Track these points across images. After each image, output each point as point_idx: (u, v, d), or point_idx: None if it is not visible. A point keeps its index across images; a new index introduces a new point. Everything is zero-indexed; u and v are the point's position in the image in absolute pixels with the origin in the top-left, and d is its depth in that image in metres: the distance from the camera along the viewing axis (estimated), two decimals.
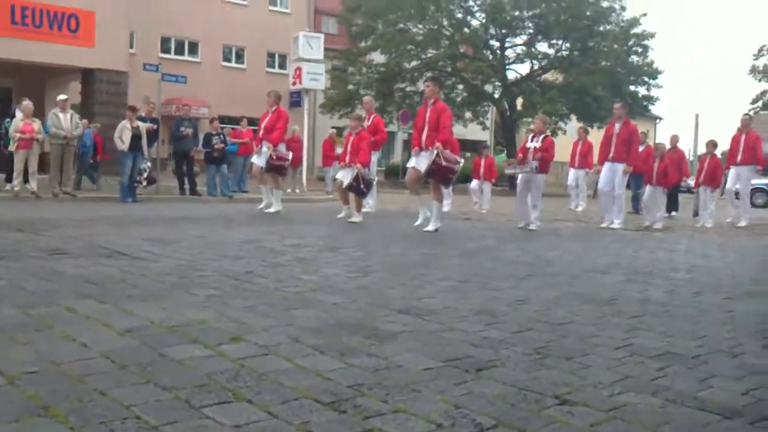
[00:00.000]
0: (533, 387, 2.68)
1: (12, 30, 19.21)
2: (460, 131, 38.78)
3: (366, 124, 12.66)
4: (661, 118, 54.79)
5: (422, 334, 3.47)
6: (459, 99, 35.46)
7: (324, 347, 3.10)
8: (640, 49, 33.44)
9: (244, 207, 13.47)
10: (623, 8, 33.27)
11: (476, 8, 33.87)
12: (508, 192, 23.97)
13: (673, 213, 15.76)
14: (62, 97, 13.78)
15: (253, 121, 20.01)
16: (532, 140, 10.86)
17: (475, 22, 34.65)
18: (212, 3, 33.18)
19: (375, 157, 12.95)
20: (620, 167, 11.30)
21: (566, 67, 34.27)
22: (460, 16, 33.93)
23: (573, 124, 34.99)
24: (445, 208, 14.41)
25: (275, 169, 11.66)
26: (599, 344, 3.44)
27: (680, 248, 8.81)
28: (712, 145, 13.91)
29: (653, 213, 12.27)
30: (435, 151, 8.93)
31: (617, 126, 11.50)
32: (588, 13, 32.02)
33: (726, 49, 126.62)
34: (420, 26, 34.22)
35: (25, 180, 12.95)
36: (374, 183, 11.51)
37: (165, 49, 32.11)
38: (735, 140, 13.44)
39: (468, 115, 35.80)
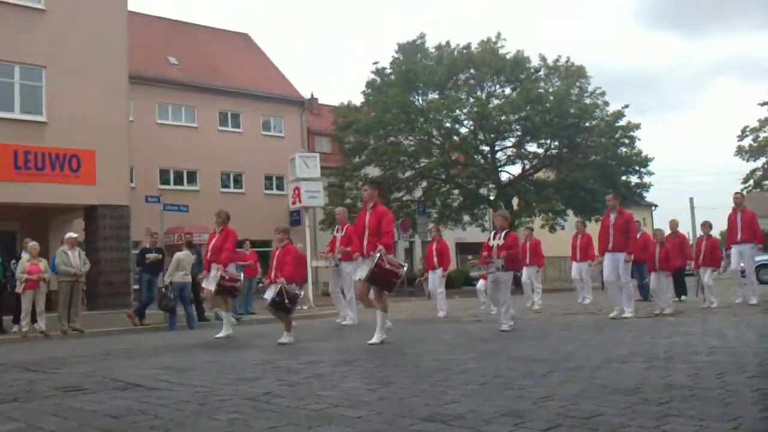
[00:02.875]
0: None
1: (15, 174, 19.62)
2: (460, 235, 39.26)
3: (340, 235, 12.67)
4: (656, 205, 55.36)
5: None
6: (456, 204, 35.95)
7: None
8: (627, 141, 34.15)
9: (253, 329, 13.40)
10: (606, 103, 34.23)
11: (464, 117, 34.81)
12: (515, 291, 23.90)
13: (683, 297, 15.63)
14: (72, 235, 13.97)
15: (255, 244, 20.18)
16: (494, 238, 10.46)
17: (464, 130, 35.59)
18: (208, 133, 34.09)
19: (350, 267, 12.36)
20: (621, 256, 11.37)
21: (557, 164, 34.95)
22: (448, 125, 34.83)
23: (571, 219, 35.35)
24: (440, 314, 14.20)
25: (227, 290, 10.82)
26: None
27: (696, 331, 8.72)
28: (707, 226, 14.02)
29: (662, 299, 12.22)
30: (377, 254, 8.37)
31: (612, 216, 11.64)
32: (572, 111, 32.87)
33: (711, 131, 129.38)
34: (411, 138, 35.07)
35: (33, 320, 12.93)
36: (301, 297, 10.53)
37: (164, 180, 32.75)
38: (731, 219, 13.46)
39: (466, 218, 36.23)
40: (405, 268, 8.75)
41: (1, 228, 20.21)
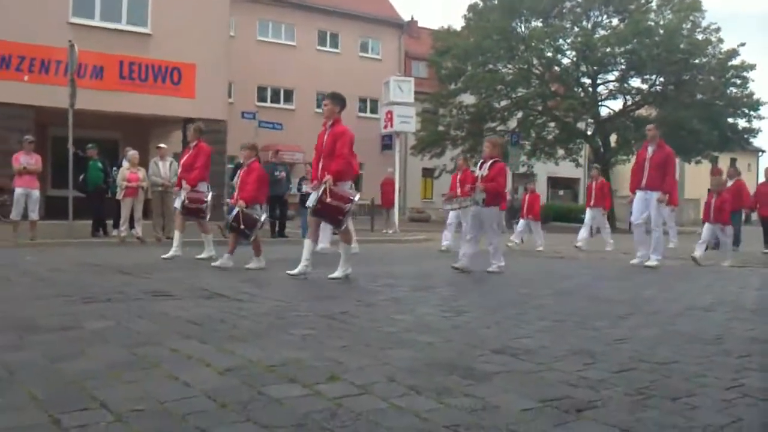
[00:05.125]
0: (637, 428, 2.59)
1: (120, 84, 20.29)
2: (552, 169, 38.56)
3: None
4: (763, 151, 52.59)
5: (519, 374, 3.42)
6: (551, 137, 35.15)
7: (420, 387, 3.08)
8: (738, 81, 32.29)
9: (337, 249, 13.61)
10: (720, 40, 32.27)
11: (566, 47, 33.58)
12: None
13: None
14: (161, 145, 14.39)
15: None
16: (480, 168, 9.20)
17: (565, 61, 34.42)
18: (306, 52, 34.24)
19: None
20: (654, 195, 10.15)
21: (660, 102, 33.37)
22: (549, 55, 33.68)
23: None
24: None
25: (191, 212, 10.01)
26: (706, 385, 3.30)
27: None
28: None
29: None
30: (323, 186, 7.43)
31: (650, 149, 10.33)
32: (682, 46, 31.15)
33: None
34: (509, 66, 34.21)
35: (131, 226, 13.53)
36: (262, 221, 9.13)
37: (261, 98, 33.27)
38: None
39: (561, 152, 35.42)
40: (356, 200, 7.62)
41: (105, 136, 21.01)
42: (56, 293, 6.03)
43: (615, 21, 34.08)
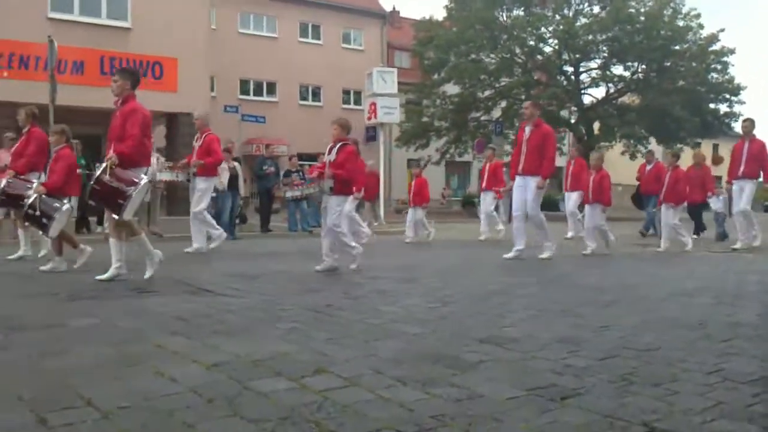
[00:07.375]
0: (620, 414, 2.62)
1: (101, 80, 20.07)
2: None
3: (197, 144, 10.52)
4: None
5: (504, 363, 3.44)
6: None
7: (406, 378, 3.10)
8: (719, 66, 32.51)
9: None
10: (700, 26, 32.45)
11: (548, 35, 33.62)
12: None
13: (696, 235, 14.27)
14: None
15: None
16: (329, 152, 8.21)
17: (548, 49, 34.48)
18: (288, 44, 34.10)
19: (205, 183, 10.35)
20: (532, 182, 9.31)
21: (643, 89, 33.54)
22: (532, 43, 33.73)
23: (652, 146, 34.10)
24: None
25: (10, 200, 8.10)
26: (688, 369, 3.33)
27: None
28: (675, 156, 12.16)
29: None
30: (104, 164, 6.47)
31: (527, 130, 9.48)
32: (663, 32, 31.32)
33: None
34: (492, 56, 34.22)
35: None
36: (63, 212, 7.65)
37: (244, 91, 33.11)
38: (737, 150, 11.65)
39: None
40: (141, 187, 6.57)
41: (87, 132, 20.80)
42: (41, 291, 6.00)
43: (596, 9, 34.16)
